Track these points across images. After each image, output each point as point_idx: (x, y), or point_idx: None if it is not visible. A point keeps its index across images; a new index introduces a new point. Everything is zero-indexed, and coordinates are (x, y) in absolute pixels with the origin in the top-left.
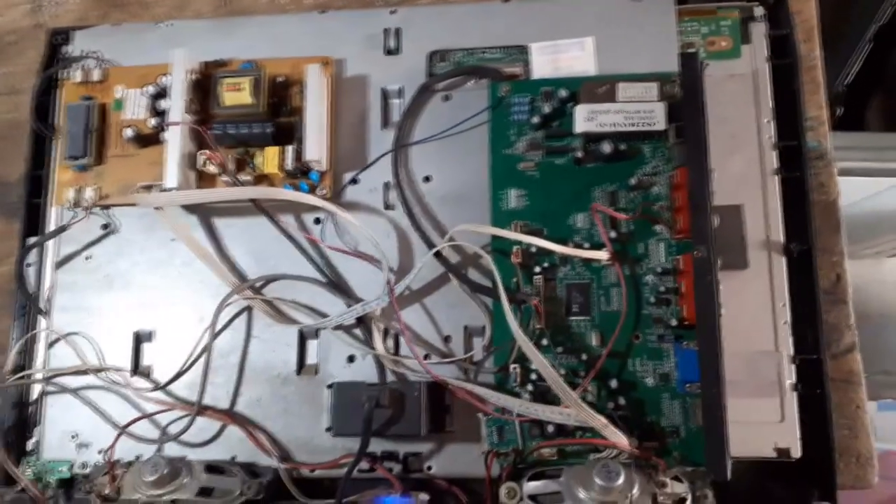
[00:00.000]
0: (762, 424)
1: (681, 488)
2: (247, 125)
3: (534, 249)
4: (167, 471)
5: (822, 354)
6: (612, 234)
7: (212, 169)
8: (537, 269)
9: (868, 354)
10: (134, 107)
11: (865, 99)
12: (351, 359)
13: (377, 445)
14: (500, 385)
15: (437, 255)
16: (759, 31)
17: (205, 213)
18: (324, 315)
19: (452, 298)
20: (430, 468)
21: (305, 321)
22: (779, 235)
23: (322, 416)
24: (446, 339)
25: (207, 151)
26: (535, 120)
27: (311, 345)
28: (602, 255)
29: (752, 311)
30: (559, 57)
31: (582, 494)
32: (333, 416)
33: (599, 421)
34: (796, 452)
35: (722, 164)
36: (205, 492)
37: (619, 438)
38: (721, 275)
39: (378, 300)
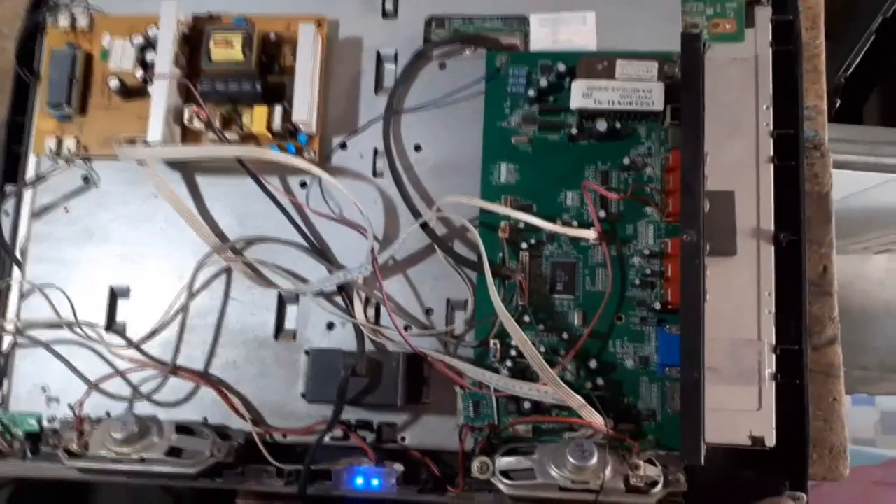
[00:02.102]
0: (738, 412)
1: (653, 471)
2: (236, 82)
3: (522, 225)
4: (136, 429)
5: (804, 345)
6: (602, 214)
7: (197, 125)
8: (524, 245)
9: (846, 349)
10: (120, 57)
11: (864, 92)
12: (330, 326)
13: (352, 414)
14: (480, 360)
15: (424, 226)
16: (764, 15)
17: (189, 171)
18: (305, 280)
19: (437, 271)
20: (403, 439)
21: (286, 286)
22: (769, 224)
23: (298, 382)
24: (428, 312)
25: (194, 106)
26: (531, 93)
27: (291, 310)
28: (590, 234)
29: (737, 298)
30: (559, 30)
31: (554, 472)
32: (309, 382)
33: (576, 400)
34: (771, 441)
35: (717, 149)
36: (174, 452)
37: (596, 418)
38: (708, 260)
39: (361, 268)
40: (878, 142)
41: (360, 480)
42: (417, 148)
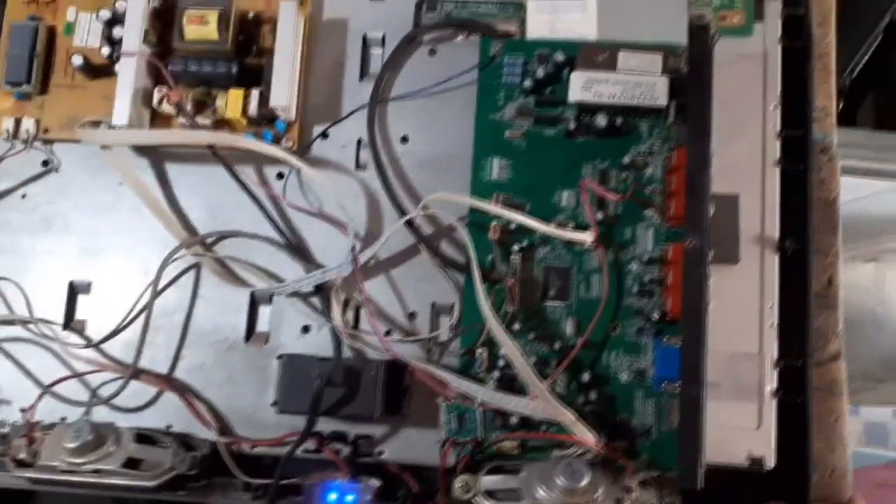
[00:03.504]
0: (737, 430)
1: (647, 495)
2: (210, 63)
3: (514, 226)
4: (91, 437)
5: (808, 361)
6: (599, 216)
7: (167, 108)
8: (516, 248)
9: None
10: (85, 33)
11: (860, 95)
12: (306, 329)
13: (326, 425)
14: (465, 369)
15: (409, 223)
16: (775, 9)
17: (157, 158)
18: (279, 279)
19: (422, 272)
20: (381, 453)
21: (259, 284)
22: (774, 231)
23: (269, 389)
24: (411, 316)
25: (164, 88)
26: (527, 84)
27: (264, 311)
28: (586, 237)
29: (739, 309)
30: (558, 17)
31: (542, 493)
32: (280, 390)
33: (568, 416)
34: (770, 462)
35: (721, 150)
36: (132, 463)
37: (587, 436)
38: (710, 267)
39: (340, 268)
40: (871, 146)
41: (333, 496)
42: (404, 139)
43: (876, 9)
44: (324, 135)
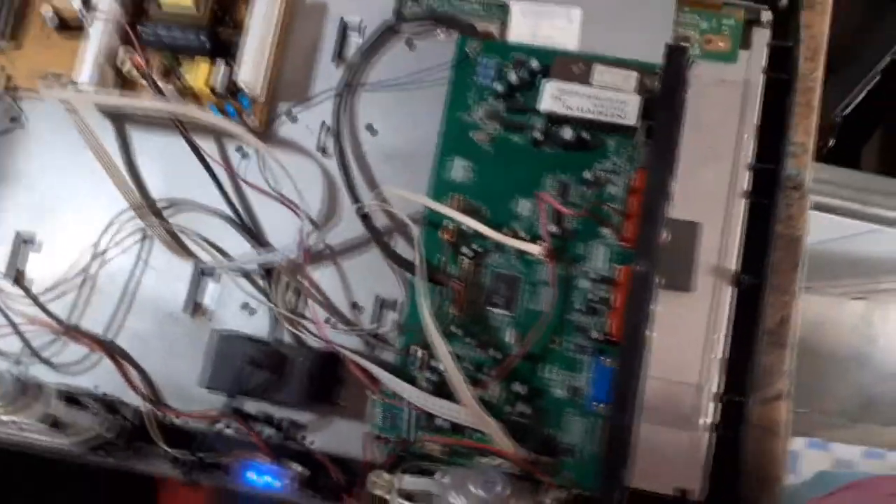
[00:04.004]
0: (668, 459)
1: None
2: (181, 31)
3: (468, 229)
4: (11, 388)
5: (748, 398)
6: (554, 229)
7: (133, 73)
8: (467, 251)
9: (810, 391)
10: None
11: (864, 134)
12: (248, 309)
13: (257, 407)
14: (401, 367)
15: (363, 214)
16: (762, 38)
17: (122, 122)
18: (228, 256)
19: (371, 266)
20: (308, 440)
21: (206, 258)
22: (731, 263)
23: None
24: (354, 306)
25: (131, 52)
26: (499, 88)
27: (209, 286)
28: (536, 249)
29: (686, 337)
30: (541, 23)
31: (455, 500)
32: (206, 366)
33: (492, 426)
34: (698, 495)
35: (689, 175)
36: (55, 424)
37: (509, 447)
38: (661, 293)
39: (287, 250)
40: (866, 189)
41: (252, 476)
42: (371, 129)
43: (876, 48)
44: (289, 115)
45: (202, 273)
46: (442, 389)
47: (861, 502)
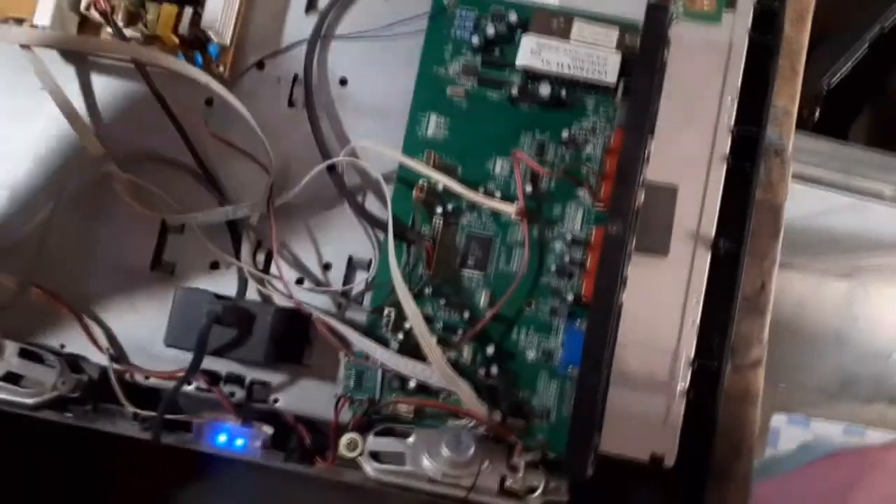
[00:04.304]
0: (641, 424)
1: (534, 477)
2: None
3: (441, 188)
4: None
5: (724, 364)
6: (529, 189)
7: (96, 16)
8: (439, 210)
9: (790, 367)
10: None
11: (852, 108)
12: (214, 266)
13: (223, 366)
14: (371, 327)
15: (332, 171)
16: None
17: (85, 67)
18: (193, 210)
19: (342, 224)
20: (276, 401)
21: (170, 212)
22: (710, 228)
23: None
24: (326, 267)
25: None
26: (476, 41)
27: (173, 241)
28: (510, 209)
29: (662, 302)
30: None
31: (426, 462)
32: (170, 324)
33: (463, 387)
34: (670, 461)
35: (668, 138)
36: (12, 378)
37: (480, 409)
38: (636, 257)
39: (253, 206)
40: (851, 161)
41: (222, 438)
42: (343, 82)
43: (865, 19)
44: (259, 65)
45: (167, 229)
46: (413, 351)
47: (841, 473)
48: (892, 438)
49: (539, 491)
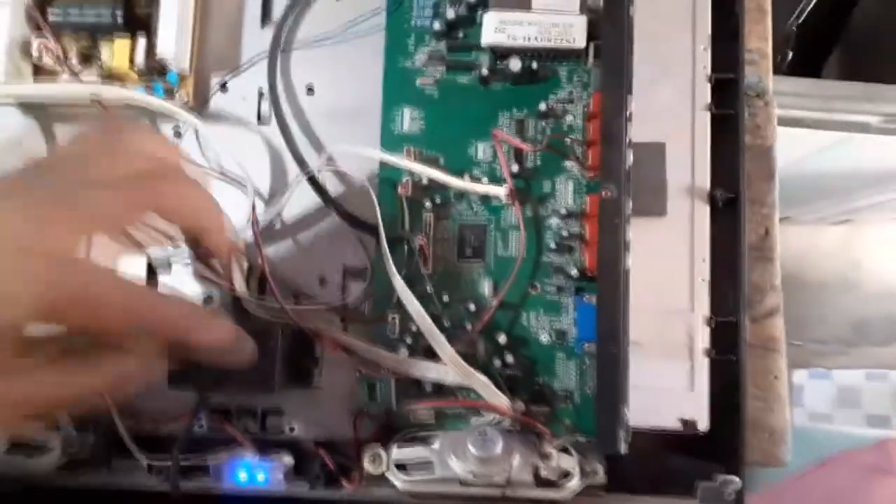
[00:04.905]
0: (668, 392)
1: (568, 462)
2: (92, 9)
3: (426, 181)
4: None
5: (742, 317)
6: (515, 168)
7: (49, 62)
8: (428, 205)
9: (802, 323)
10: None
11: (820, 47)
12: (208, 300)
13: (231, 399)
14: (377, 336)
15: (313, 181)
16: None
17: (44, 117)
18: (178, 245)
19: (332, 235)
20: (293, 429)
21: (156, 251)
22: (704, 180)
23: None
24: (321, 282)
25: (42, 39)
26: (438, 27)
27: (162, 281)
28: (499, 190)
29: (668, 264)
30: None
31: (455, 464)
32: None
33: (478, 380)
34: (703, 425)
35: (646, 95)
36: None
37: (501, 402)
38: (635, 221)
39: (238, 230)
40: (831, 96)
41: (243, 475)
42: (310, 90)
43: None
44: (223, 87)
45: (154, 268)
46: (424, 354)
47: (839, 478)
48: None
49: (576, 476)
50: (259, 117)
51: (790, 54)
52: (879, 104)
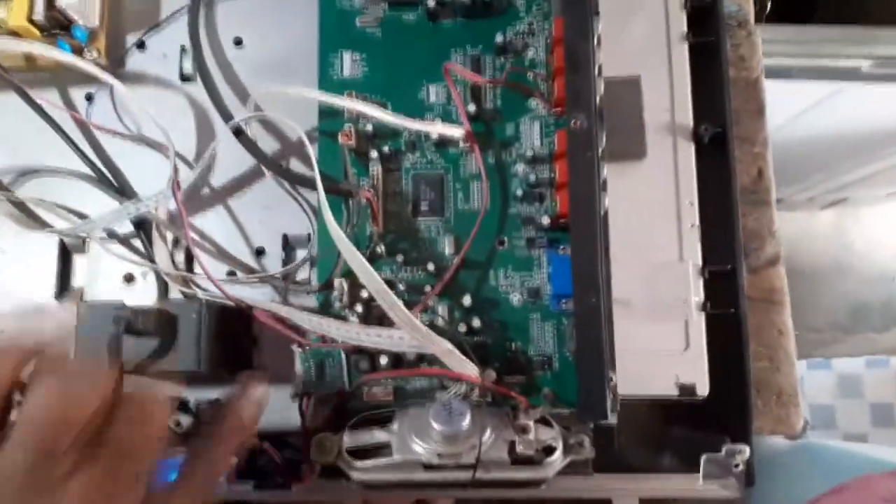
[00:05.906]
0: (661, 354)
1: (548, 434)
2: None
3: (370, 129)
4: None
5: (738, 265)
6: (472, 109)
7: None
8: (374, 155)
9: (799, 311)
10: None
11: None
12: (129, 279)
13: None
14: (323, 306)
15: (242, 135)
16: None
17: None
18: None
19: (269, 200)
20: None
21: (65, 226)
22: (686, 116)
23: None
24: (258, 253)
25: None
26: None
27: (79, 262)
28: (456, 130)
29: (651, 211)
30: None
31: (417, 446)
32: (77, 346)
33: (440, 346)
34: (703, 390)
35: (618, 28)
36: None
37: (466, 368)
38: (611, 167)
39: (157, 197)
40: (818, 40)
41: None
42: (238, 42)
43: None
44: (140, 45)
45: (68, 248)
46: (379, 323)
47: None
48: None
49: (559, 451)
50: (182, 75)
51: (769, 5)
52: (869, 46)
